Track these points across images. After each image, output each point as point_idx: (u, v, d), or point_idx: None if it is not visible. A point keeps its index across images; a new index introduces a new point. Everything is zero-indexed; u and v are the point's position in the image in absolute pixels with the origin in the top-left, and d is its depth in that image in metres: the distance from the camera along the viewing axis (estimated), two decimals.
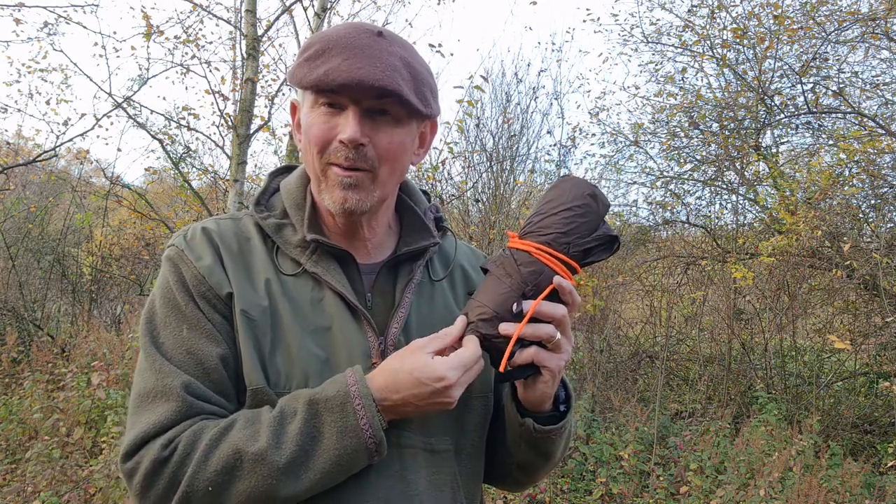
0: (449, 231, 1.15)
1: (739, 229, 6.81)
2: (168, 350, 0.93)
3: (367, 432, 0.86)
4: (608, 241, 0.95)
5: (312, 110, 0.95)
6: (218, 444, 0.86)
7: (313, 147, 0.95)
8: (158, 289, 0.98)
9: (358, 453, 0.87)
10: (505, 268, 0.93)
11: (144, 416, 0.89)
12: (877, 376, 5.84)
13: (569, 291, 0.92)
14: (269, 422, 0.87)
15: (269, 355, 0.93)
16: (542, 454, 1.05)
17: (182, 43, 6.12)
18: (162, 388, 0.90)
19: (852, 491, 3.85)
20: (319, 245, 0.99)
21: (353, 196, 0.95)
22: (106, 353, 5.44)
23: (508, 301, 0.90)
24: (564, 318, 0.92)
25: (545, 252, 0.92)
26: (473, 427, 1.05)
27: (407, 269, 1.05)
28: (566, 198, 0.94)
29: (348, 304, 0.98)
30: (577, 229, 0.93)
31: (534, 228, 0.95)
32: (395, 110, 0.94)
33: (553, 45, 13.11)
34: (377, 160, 0.95)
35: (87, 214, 8.06)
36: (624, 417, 5.00)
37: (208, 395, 0.91)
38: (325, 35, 0.95)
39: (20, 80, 7.20)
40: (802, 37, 6.16)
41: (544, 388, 0.95)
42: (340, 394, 0.87)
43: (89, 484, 3.53)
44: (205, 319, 0.93)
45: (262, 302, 0.95)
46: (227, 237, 1.01)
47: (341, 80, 0.89)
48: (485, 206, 6.54)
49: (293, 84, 0.96)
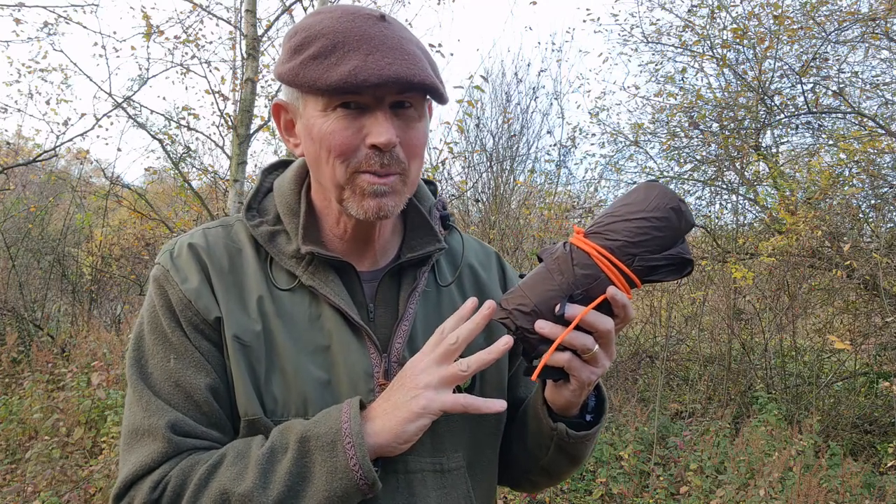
0: (455, 228, 1.08)
1: (739, 229, 6.81)
2: (155, 382, 0.89)
3: (357, 473, 0.80)
4: (679, 263, 0.86)
5: (326, 115, 0.85)
6: (207, 484, 0.83)
7: (336, 157, 0.85)
8: (146, 312, 0.93)
9: (349, 494, 0.82)
10: (559, 264, 0.86)
11: (133, 456, 0.87)
12: (877, 376, 5.84)
13: (622, 305, 0.83)
14: (257, 459, 0.82)
15: (265, 382, 0.88)
16: (571, 457, 1.00)
17: (182, 43, 6.13)
18: (148, 426, 0.86)
19: (852, 491, 3.84)
20: (316, 256, 0.92)
21: (389, 203, 0.87)
22: (106, 353, 5.44)
23: (553, 300, 0.84)
24: (609, 333, 0.84)
25: (606, 259, 0.84)
26: (487, 439, 1.00)
27: (411, 277, 0.98)
28: (646, 205, 0.85)
29: (348, 320, 0.91)
30: (648, 242, 0.84)
31: (601, 229, 0.86)
32: (417, 102, 0.88)
33: (553, 45, 13.16)
34: (407, 160, 0.88)
35: (87, 214, 8.07)
36: (624, 417, 5.00)
37: (198, 430, 0.87)
38: (323, 26, 0.85)
39: (20, 80, 7.22)
40: (802, 37, 6.16)
41: (570, 397, 0.90)
42: (332, 431, 0.82)
43: (89, 484, 3.53)
44: (192, 348, 0.89)
45: (255, 326, 0.89)
46: (217, 252, 0.94)
47: (374, 80, 0.80)
48: (485, 206, 6.54)
49: (294, 86, 0.86)
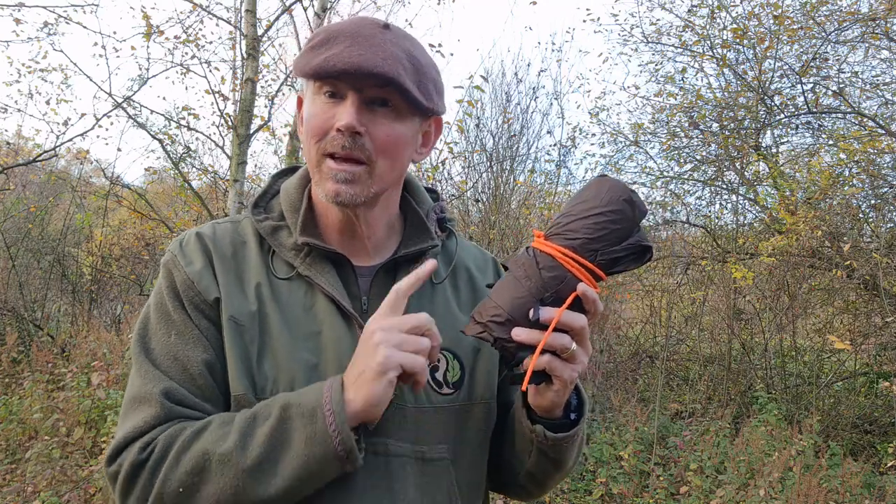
0: (453, 231, 1.12)
1: (739, 229, 6.82)
2: (156, 356, 0.93)
3: (335, 439, 0.83)
4: (639, 251, 0.89)
5: (314, 99, 0.95)
6: (190, 446, 0.86)
7: (311, 136, 0.94)
8: (154, 294, 0.99)
9: (327, 461, 0.84)
10: (525, 269, 0.88)
11: (128, 422, 0.90)
12: (877, 376, 5.84)
13: (592, 301, 0.87)
14: (239, 424, 0.86)
15: (257, 362, 0.92)
16: (553, 462, 1.01)
17: (182, 43, 6.13)
18: (144, 393, 0.90)
19: (852, 491, 3.85)
20: (313, 248, 0.98)
21: (347, 190, 0.93)
22: (106, 353, 5.44)
23: (526, 306, 0.86)
24: (584, 330, 0.87)
25: (570, 258, 0.86)
26: (474, 435, 1.03)
27: (405, 273, 1.02)
28: (600, 201, 0.87)
29: (340, 309, 0.96)
30: (607, 236, 0.87)
31: (561, 230, 0.88)
32: (397, 102, 0.93)
33: (553, 45, 13.14)
34: (374, 152, 0.93)
35: (87, 214, 8.07)
36: (624, 417, 5.00)
37: (190, 400, 0.91)
38: (331, 26, 0.95)
39: (20, 80, 7.21)
40: (802, 37, 6.17)
41: (554, 398, 0.92)
42: (313, 400, 0.85)
43: (89, 484, 3.53)
44: (192, 325, 0.94)
45: (251, 307, 0.95)
46: (222, 242, 1.00)
47: (341, 66, 0.88)
48: (485, 206, 6.54)
49: (296, 73, 0.95)
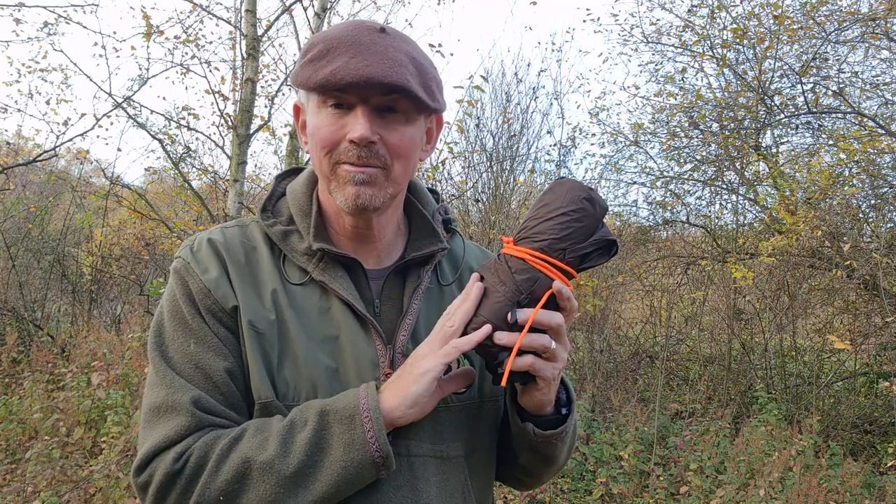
0: (457, 232, 1.14)
1: (739, 229, 6.81)
2: (177, 364, 0.93)
3: (373, 446, 0.86)
4: (606, 246, 0.92)
5: (319, 111, 0.94)
6: (229, 454, 0.87)
7: (321, 149, 0.94)
8: (166, 301, 0.99)
9: (364, 467, 0.86)
10: (499, 275, 0.91)
11: (156, 431, 0.90)
12: (877, 376, 5.84)
13: (567, 298, 0.89)
14: (278, 431, 0.87)
15: (278, 368, 0.93)
16: (544, 458, 1.04)
17: (182, 43, 6.13)
18: (172, 402, 0.91)
19: (852, 491, 3.84)
20: (326, 253, 0.99)
21: (367, 192, 0.93)
22: (106, 353, 5.44)
23: (503, 310, 0.88)
24: (560, 327, 0.89)
25: (540, 259, 0.89)
26: (485, 431, 1.05)
27: (415, 275, 1.04)
28: (561, 202, 0.91)
29: (356, 313, 0.97)
30: (573, 234, 0.90)
31: (528, 234, 0.92)
32: (404, 106, 0.93)
33: (553, 45, 13.17)
34: (389, 157, 0.94)
35: (87, 214, 8.06)
36: (624, 417, 5.00)
37: (218, 408, 0.92)
38: (327, 34, 0.93)
39: (20, 80, 7.22)
40: (802, 37, 6.17)
41: (540, 396, 0.94)
42: (350, 406, 0.87)
43: (89, 484, 3.53)
44: (211, 333, 0.94)
45: (269, 315, 0.95)
46: (234, 248, 1.00)
47: (349, 79, 0.87)
48: (485, 206, 6.54)
49: (297, 86, 0.94)
